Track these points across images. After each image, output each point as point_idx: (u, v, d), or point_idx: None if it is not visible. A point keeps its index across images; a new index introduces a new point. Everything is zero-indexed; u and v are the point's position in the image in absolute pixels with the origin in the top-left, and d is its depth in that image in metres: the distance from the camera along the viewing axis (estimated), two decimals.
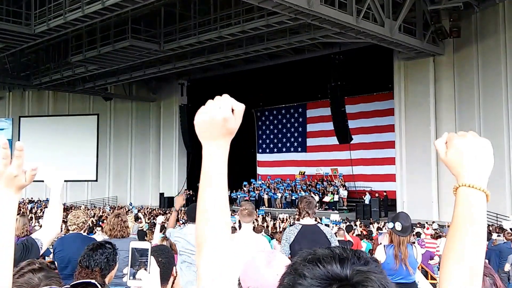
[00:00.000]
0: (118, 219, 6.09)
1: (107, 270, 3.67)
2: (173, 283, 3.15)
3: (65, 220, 7.09)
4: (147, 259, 2.22)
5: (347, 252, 1.12)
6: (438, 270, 8.22)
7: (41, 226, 14.10)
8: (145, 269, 2.21)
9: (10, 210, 1.54)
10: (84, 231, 7.24)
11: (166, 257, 3.19)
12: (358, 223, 23.24)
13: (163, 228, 10.27)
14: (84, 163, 45.30)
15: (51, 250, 10.13)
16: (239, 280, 2.21)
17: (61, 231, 8.52)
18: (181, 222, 23.15)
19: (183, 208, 22.69)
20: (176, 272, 3.17)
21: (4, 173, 1.50)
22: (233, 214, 15.70)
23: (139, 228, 15.78)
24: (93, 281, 1.92)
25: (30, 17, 28.24)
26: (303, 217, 5.99)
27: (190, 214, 7.10)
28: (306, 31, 27.40)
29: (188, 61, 33.98)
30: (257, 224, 17.02)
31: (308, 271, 1.08)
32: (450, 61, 28.56)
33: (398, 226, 6.01)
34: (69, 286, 1.84)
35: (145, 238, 14.17)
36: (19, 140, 44.71)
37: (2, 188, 1.52)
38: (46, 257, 9.92)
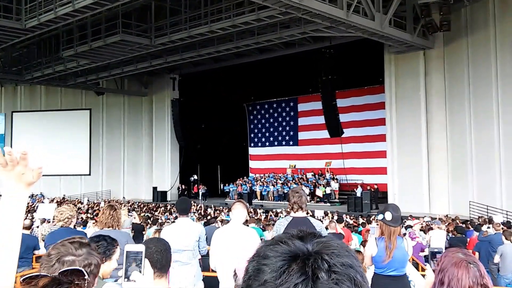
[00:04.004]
0: (112, 210, 6.18)
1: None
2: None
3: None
4: (141, 261, 2.32)
5: (303, 232, 1.18)
6: (426, 261, 8.33)
7: (34, 221, 14.08)
8: (139, 271, 2.31)
9: (21, 200, 1.80)
10: (74, 225, 7.34)
11: (165, 244, 3.32)
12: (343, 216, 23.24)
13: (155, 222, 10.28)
14: (77, 157, 45.29)
15: (40, 246, 10.24)
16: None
17: (53, 223, 8.61)
18: (173, 216, 23.29)
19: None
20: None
21: (13, 171, 1.73)
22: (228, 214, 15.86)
23: (134, 222, 15.83)
24: (80, 268, 2.02)
25: (21, 12, 28.08)
26: (296, 210, 6.04)
27: (179, 206, 7.19)
28: (297, 25, 27.41)
29: (179, 56, 33.97)
30: (250, 217, 17.11)
31: (271, 251, 1.12)
32: (440, 54, 28.66)
33: (388, 216, 5.93)
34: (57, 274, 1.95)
35: (143, 232, 14.25)
36: (11, 135, 44.98)
37: (14, 183, 1.75)
38: (36, 251, 10.00)
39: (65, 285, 1.75)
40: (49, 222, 14.53)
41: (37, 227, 14.45)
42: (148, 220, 18.11)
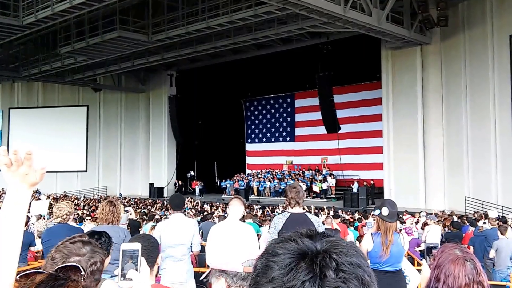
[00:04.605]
0: (112, 206, 6.21)
1: None
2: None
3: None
4: (137, 259, 2.33)
5: (312, 231, 1.19)
6: (422, 256, 8.38)
7: (30, 217, 14.10)
8: (136, 269, 2.32)
9: (24, 200, 1.81)
10: (73, 221, 7.36)
11: (149, 239, 3.35)
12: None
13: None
14: (74, 153, 45.25)
15: (36, 242, 10.27)
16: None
17: (51, 220, 8.64)
18: (170, 212, 23.31)
19: None
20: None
21: (18, 171, 1.75)
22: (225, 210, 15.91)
23: (130, 218, 15.86)
24: (76, 264, 2.05)
25: (18, 8, 28.07)
26: (293, 206, 6.07)
27: (172, 202, 7.21)
28: (294, 21, 27.37)
29: (177, 52, 33.91)
30: (246, 213, 17.13)
31: (280, 248, 1.13)
32: (437, 50, 28.64)
33: (385, 211, 5.91)
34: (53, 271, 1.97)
35: (139, 229, 14.27)
36: (8, 132, 44.98)
37: (18, 183, 1.77)
38: (32, 248, 10.02)
39: (61, 281, 1.76)
40: (45, 218, 14.56)
41: (33, 223, 14.48)
42: (145, 216, 18.13)
